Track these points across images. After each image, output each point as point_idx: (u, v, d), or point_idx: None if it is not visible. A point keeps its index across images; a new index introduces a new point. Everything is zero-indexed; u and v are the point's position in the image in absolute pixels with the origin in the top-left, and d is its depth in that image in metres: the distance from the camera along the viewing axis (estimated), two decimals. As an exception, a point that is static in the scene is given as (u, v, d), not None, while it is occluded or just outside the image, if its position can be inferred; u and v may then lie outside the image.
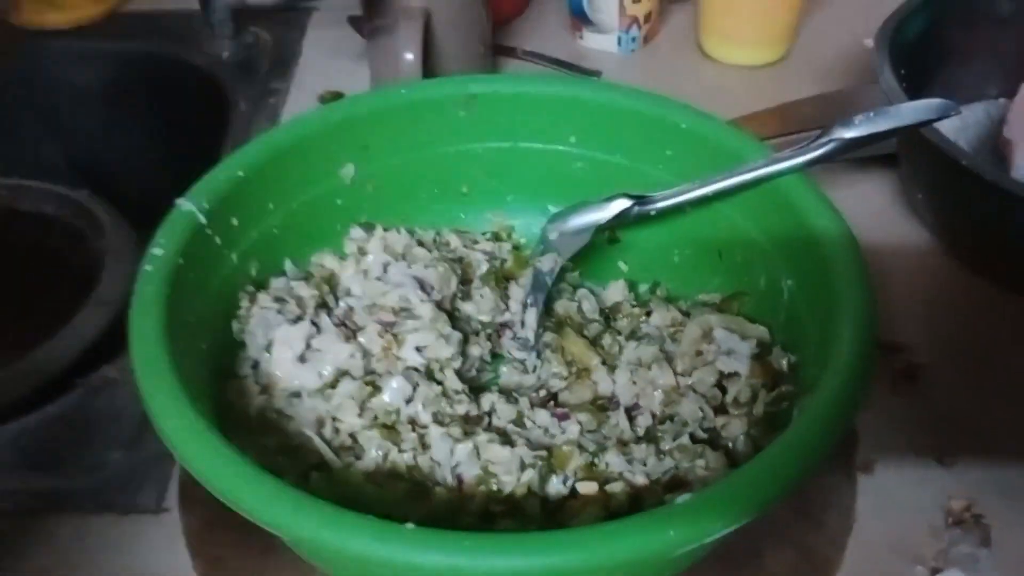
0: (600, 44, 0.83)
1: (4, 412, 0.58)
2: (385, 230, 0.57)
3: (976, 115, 0.71)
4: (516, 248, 0.59)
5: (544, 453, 0.45)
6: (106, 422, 0.55)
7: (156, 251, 0.46)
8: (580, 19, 0.81)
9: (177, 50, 0.84)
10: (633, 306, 0.56)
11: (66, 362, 0.63)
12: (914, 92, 0.60)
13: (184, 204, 0.49)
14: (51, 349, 0.64)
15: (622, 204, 0.53)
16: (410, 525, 0.35)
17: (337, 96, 0.78)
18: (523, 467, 0.44)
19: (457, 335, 0.51)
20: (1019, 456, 0.52)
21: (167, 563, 0.48)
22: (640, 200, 0.53)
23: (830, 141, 0.51)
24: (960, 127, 0.69)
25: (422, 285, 0.52)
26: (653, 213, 0.53)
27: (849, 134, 0.50)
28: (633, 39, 0.83)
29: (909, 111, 0.51)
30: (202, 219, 0.49)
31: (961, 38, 0.69)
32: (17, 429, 0.54)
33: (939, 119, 0.51)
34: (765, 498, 0.37)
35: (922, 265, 0.63)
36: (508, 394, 0.50)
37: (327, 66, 0.82)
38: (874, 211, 0.67)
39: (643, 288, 0.58)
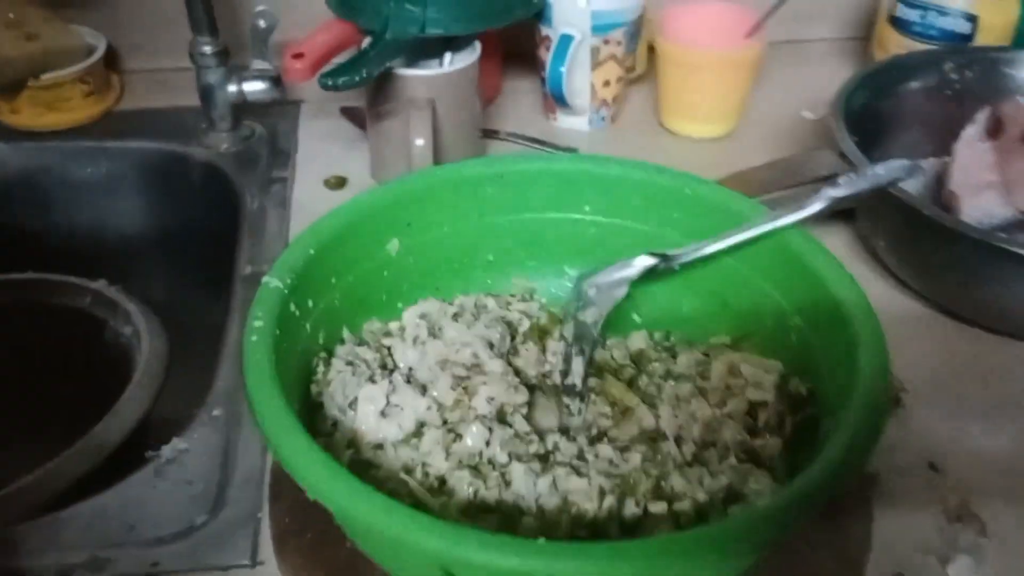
0: (573, 124, 0.92)
1: (73, 490, 0.61)
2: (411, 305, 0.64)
3: (913, 173, 0.81)
4: (541, 306, 0.66)
5: (618, 481, 0.51)
6: (186, 488, 0.59)
7: (256, 323, 0.51)
8: (557, 102, 0.89)
9: (176, 145, 0.89)
10: (657, 350, 0.63)
11: (120, 439, 0.66)
12: (864, 155, 0.70)
13: (271, 281, 0.54)
14: (104, 430, 0.67)
15: (648, 261, 0.60)
16: (542, 540, 0.41)
17: (341, 181, 0.84)
18: (603, 494, 0.50)
19: (524, 388, 0.57)
20: (994, 458, 0.61)
21: (269, 611, 0.53)
22: (663, 257, 0.60)
23: (821, 199, 0.59)
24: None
25: (489, 343, 0.58)
26: (677, 268, 0.61)
27: (837, 193, 0.60)
28: (602, 118, 0.91)
29: (883, 172, 0.61)
30: (286, 293, 0.54)
31: (894, 108, 0.80)
32: (100, 504, 0.58)
33: (908, 178, 0.61)
34: (821, 500, 0.44)
35: (888, 305, 0.72)
36: (567, 433, 0.57)
37: (325, 153, 0.88)
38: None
39: (657, 336, 0.66)
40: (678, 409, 0.57)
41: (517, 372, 0.60)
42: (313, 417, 0.56)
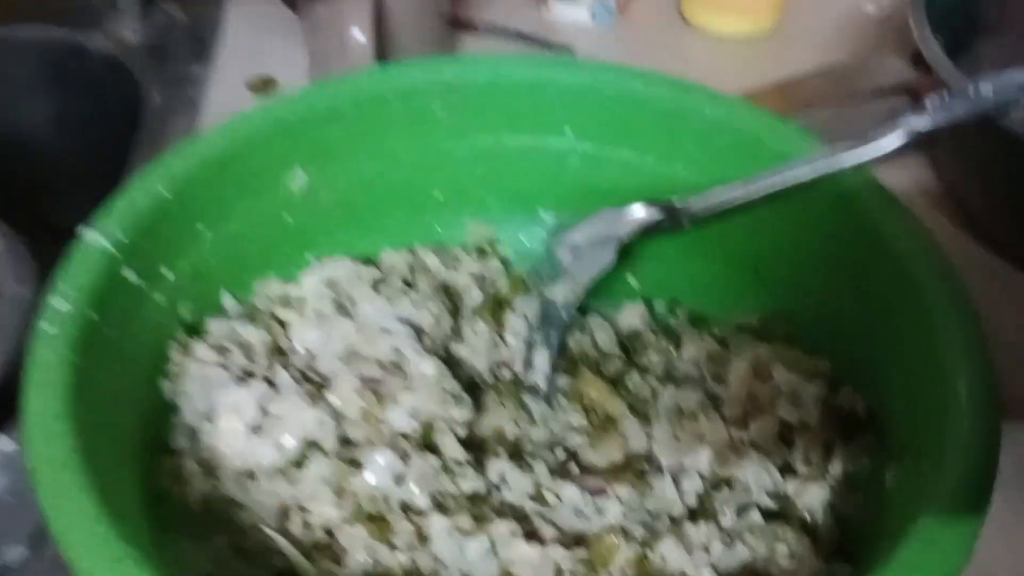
0: (571, 16, 0.73)
1: None
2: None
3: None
4: (504, 263, 0.49)
5: (584, 553, 0.35)
6: (4, 509, 0.43)
7: (57, 304, 0.35)
8: (549, -14, 0.70)
9: (75, 35, 0.71)
10: (655, 333, 0.46)
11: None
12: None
13: (91, 236, 0.37)
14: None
15: (645, 214, 0.43)
16: None
17: (269, 82, 0.67)
18: (559, 574, 0.34)
19: (467, 398, 0.40)
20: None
21: None
22: (668, 209, 0.43)
23: (898, 131, 0.41)
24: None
25: (417, 332, 0.41)
26: (687, 226, 0.43)
27: (924, 125, 0.41)
28: (609, 9, 0.72)
29: (990, 93, 0.42)
30: (116, 255, 0.37)
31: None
32: None
33: (1027, 99, 0.42)
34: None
35: (971, 267, 0.54)
36: (519, 457, 0.40)
37: (254, 47, 0.70)
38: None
39: (659, 306, 0.48)
40: (679, 428, 0.41)
41: (459, 365, 0.43)
42: (165, 425, 0.40)
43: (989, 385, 0.34)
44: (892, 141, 0.41)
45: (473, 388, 0.43)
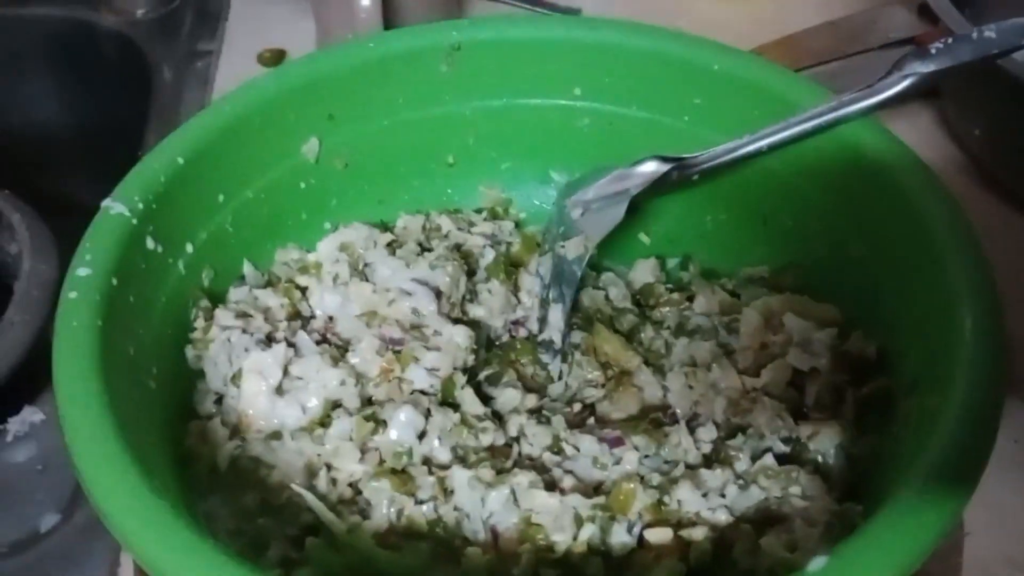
0: (576, -23, 0.73)
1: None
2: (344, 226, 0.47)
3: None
4: (518, 225, 0.50)
5: (602, 500, 0.36)
6: (34, 478, 0.44)
7: (81, 272, 0.36)
8: (554, -52, 0.70)
9: (82, 11, 0.72)
10: (670, 289, 0.46)
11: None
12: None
13: (112, 207, 0.38)
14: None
15: (656, 168, 0.43)
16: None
17: (279, 55, 0.67)
18: (579, 520, 0.35)
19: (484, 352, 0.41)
20: None
21: (128, 659, 0.39)
22: (677, 163, 0.43)
23: (905, 77, 0.42)
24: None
25: (436, 291, 0.42)
26: (696, 177, 0.44)
27: (927, 68, 0.42)
28: (613, -30, 0.72)
29: (993, 36, 0.43)
30: (136, 223, 0.38)
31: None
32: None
33: (1030, 44, 0.43)
34: (925, 545, 0.29)
35: (980, 217, 0.54)
36: (537, 412, 0.41)
37: (263, 19, 0.71)
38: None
39: (671, 263, 0.49)
40: (693, 378, 0.41)
41: (475, 324, 0.44)
42: (190, 391, 0.41)
43: (995, 317, 0.34)
44: (896, 85, 0.41)
45: (490, 347, 0.44)
